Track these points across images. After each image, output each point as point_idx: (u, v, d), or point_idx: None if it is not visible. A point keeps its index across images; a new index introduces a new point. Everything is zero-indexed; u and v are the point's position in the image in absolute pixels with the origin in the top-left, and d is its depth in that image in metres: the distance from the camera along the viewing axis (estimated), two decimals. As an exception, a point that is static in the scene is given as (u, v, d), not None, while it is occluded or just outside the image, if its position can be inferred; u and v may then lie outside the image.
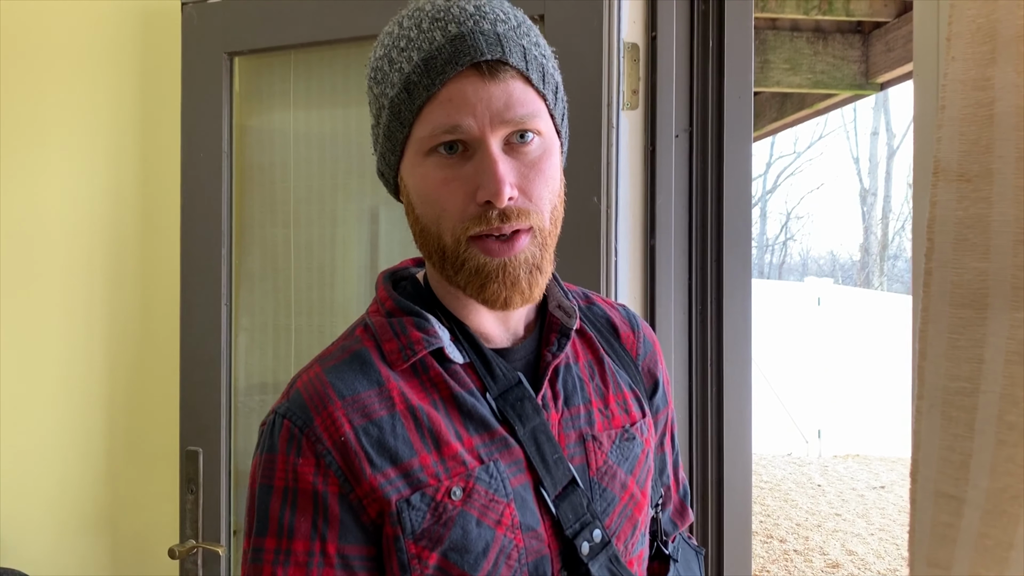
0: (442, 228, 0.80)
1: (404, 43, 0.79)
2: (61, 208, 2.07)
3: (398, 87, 0.79)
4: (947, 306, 0.52)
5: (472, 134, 0.77)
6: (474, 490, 0.79)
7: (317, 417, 0.79)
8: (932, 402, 0.53)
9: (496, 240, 0.78)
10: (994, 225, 0.50)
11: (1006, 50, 0.49)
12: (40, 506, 2.10)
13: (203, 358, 1.83)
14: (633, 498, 0.90)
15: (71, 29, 2.07)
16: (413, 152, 0.80)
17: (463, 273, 0.80)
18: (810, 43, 4.51)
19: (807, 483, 8.15)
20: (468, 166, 0.78)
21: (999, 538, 0.48)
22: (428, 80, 0.76)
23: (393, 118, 0.80)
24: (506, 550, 0.79)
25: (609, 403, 0.93)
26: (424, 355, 0.83)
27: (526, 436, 0.83)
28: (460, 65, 0.76)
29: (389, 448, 0.79)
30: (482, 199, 0.77)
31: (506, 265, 0.78)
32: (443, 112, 0.76)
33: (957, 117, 0.51)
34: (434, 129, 0.77)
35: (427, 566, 0.77)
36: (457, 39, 0.76)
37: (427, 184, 0.79)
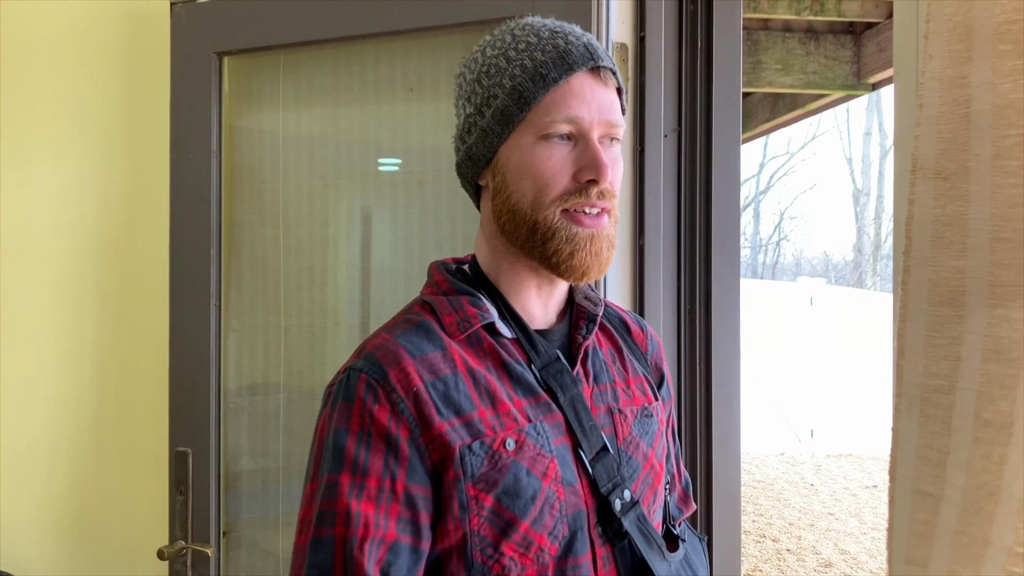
0: (539, 202, 0.92)
1: (523, 46, 0.93)
2: (49, 209, 2.07)
3: (524, 77, 0.91)
4: (925, 304, 0.52)
5: (583, 125, 0.91)
6: (525, 443, 0.90)
7: (391, 371, 0.89)
8: (910, 400, 0.53)
9: (586, 215, 0.92)
10: (971, 223, 0.50)
11: (982, 48, 0.49)
12: (29, 507, 2.09)
13: (192, 359, 1.82)
14: (653, 468, 1.02)
15: (59, 29, 2.06)
16: (525, 134, 0.93)
17: (554, 242, 0.92)
18: (802, 44, 4.52)
19: (800, 482, 8.16)
20: (573, 151, 0.92)
21: (975, 535, 0.48)
22: (556, 73, 0.90)
23: (512, 102, 0.92)
24: (550, 500, 0.89)
25: (630, 384, 1.05)
26: (478, 328, 0.96)
27: (566, 403, 0.95)
28: (585, 65, 0.91)
29: (453, 401, 0.89)
30: (586, 178, 0.91)
31: (594, 237, 0.92)
32: (565, 103, 0.91)
33: (934, 115, 0.51)
34: (555, 115, 0.91)
35: (483, 507, 0.87)
36: (581, 46, 0.92)
37: (536, 161, 0.92)
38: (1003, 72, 0.48)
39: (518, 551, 0.87)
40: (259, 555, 1.88)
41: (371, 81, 1.79)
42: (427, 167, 1.75)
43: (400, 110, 1.78)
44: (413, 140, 1.77)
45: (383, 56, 1.76)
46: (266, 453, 1.87)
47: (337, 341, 1.83)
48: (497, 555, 0.87)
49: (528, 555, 0.88)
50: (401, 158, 1.80)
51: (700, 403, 1.62)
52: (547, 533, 0.89)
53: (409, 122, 1.78)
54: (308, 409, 1.86)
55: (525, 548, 0.88)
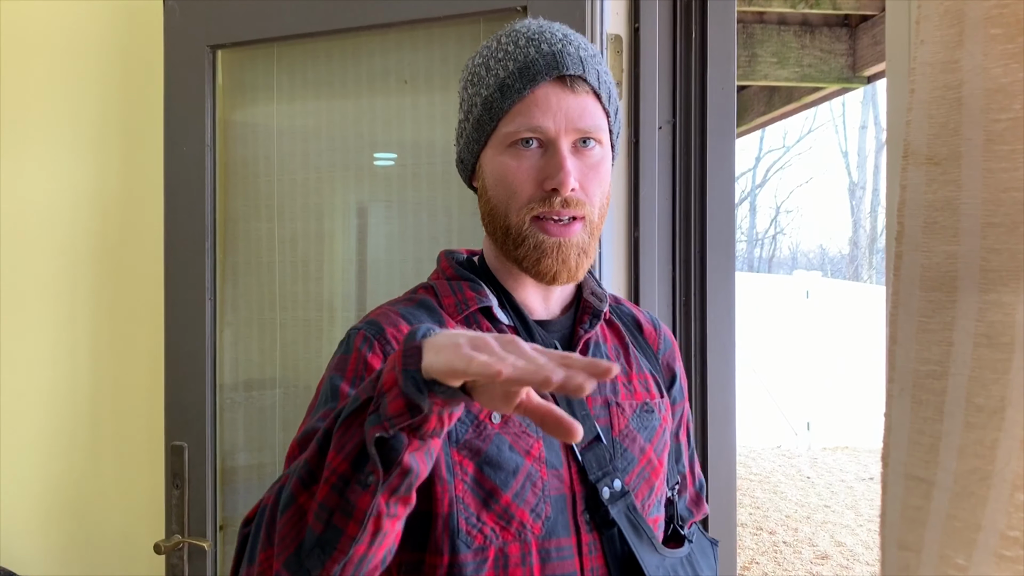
0: (510, 208, 0.96)
1: (502, 54, 0.96)
2: (44, 203, 2.06)
3: (493, 88, 0.95)
4: (917, 289, 0.52)
5: (548, 134, 0.94)
6: (511, 419, 0.92)
7: (389, 329, 0.95)
8: (902, 386, 0.53)
9: (555, 223, 0.94)
10: (963, 208, 0.50)
11: (973, 33, 0.49)
12: (25, 502, 2.08)
13: (188, 353, 1.82)
14: (651, 463, 1.03)
15: (53, 24, 2.05)
16: (496, 143, 0.97)
17: (523, 248, 0.96)
18: (797, 37, 4.51)
19: (796, 475, 8.18)
20: (540, 159, 0.94)
21: (967, 520, 0.48)
22: (520, 85, 0.93)
23: (484, 113, 0.96)
24: (532, 478, 0.92)
25: (632, 380, 1.07)
26: (475, 311, 0.99)
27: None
28: (548, 75, 0.93)
29: None
30: (549, 187, 0.93)
31: (561, 245, 0.95)
32: (528, 113, 0.93)
33: (926, 100, 0.51)
34: (519, 126, 0.94)
35: (467, 473, 0.90)
36: (548, 55, 0.94)
37: (504, 170, 0.96)
38: (994, 56, 0.48)
39: (500, 523, 0.90)
40: (256, 549, 1.88)
41: (365, 74, 1.78)
42: (422, 160, 1.75)
43: (394, 103, 1.77)
44: (408, 133, 1.77)
45: (377, 49, 1.76)
46: (262, 447, 1.87)
47: (333, 335, 1.82)
48: (480, 524, 0.89)
49: (510, 529, 0.90)
50: (396, 151, 1.80)
51: (696, 396, 1.63)
52: (529, 510, 0.91)
53: (403, 115, 1.77)
54: (304, 403, 1.86)
55: (507, 521, 0.90)
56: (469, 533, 0.89)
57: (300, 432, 0.90)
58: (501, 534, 0.90)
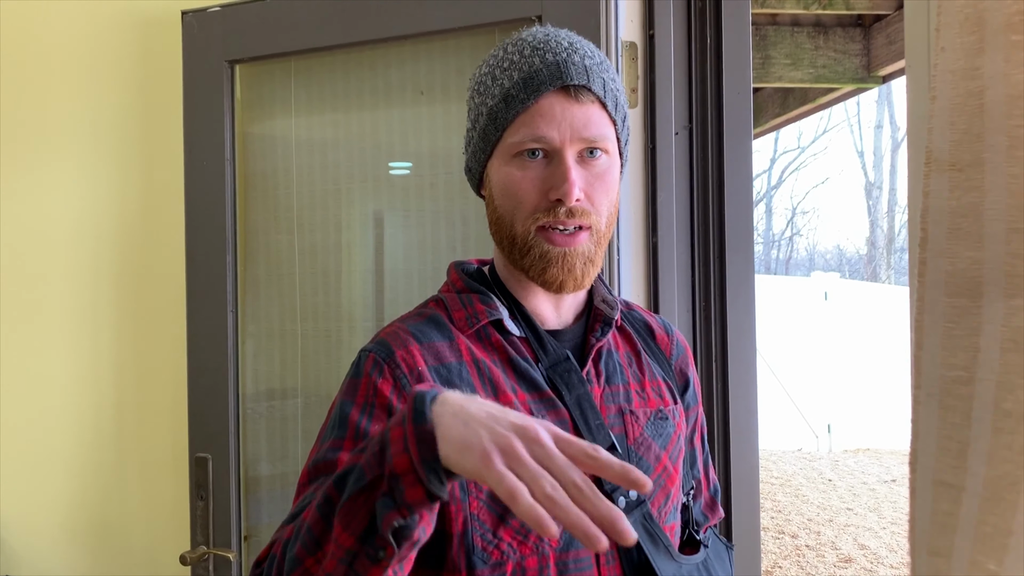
0: (516, 218, 0.96)
1: (507, 64, 0.96)
2: (66, 218, 2.09)
3: (498, 98, 0.95)
4: (942, 295, 0.52)
5: (553, 145, 0.93)
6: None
7: (398, 352, 0.94)
8: (929, 391, 0.53)
9: (560, 233, 0.94)
10: (987, 214, 0.50)
11: (994, 39, 0.49)
12: (52, 515, 2.11)
13: (210, 365, 1.84)
14: (666, 471, 1.03)
15: (72, 40, 2.08)
16: (501, 154, 0.97)
17: (529, 257, 0.96)
18: (811, 38, 4.50)
19: (818, 478, 8.13)
20: (546, 170, 0.94)
21: (998, 525, 0.48)
22: (524, 95, 0.93)
23: (490, 123, 0.97)
24: None
25: (645, 387, 1.06)
26: (486, 324, 0.99)
27: (572, 401, 0.97)
28: (552, 85, 0.92)
29: (455, 387, 0.89)
30: (554, 197, 0.93)
31: (566, 255, 0.95)
32: (533, 123, 0.93)
33: (947, 107, 0.51)
34: (523, 136, 0.93)
35: (481, 491, 0.90)
36: (552, 65, 0.93)
37: (510, 180, 0.96)
38: (1016, 62, 0.48)
39: (516, 538, 0.90)
40: (280, 559, 1.89)
41: (382, 85, 1.80)
42: (439, 170, 1.76)
43: (411, 114, 1.79)
44: (424, 143, 1.78)
45: (393, 60, 1.77)
46: (285, 457, 1.88)
47: (353, 345, 1.84)
48: (496, 540, 0.89)
49: (527, 544, 0.90)
50: (412, 161, 1.81)
51: (717, 400, 1.62)
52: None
53: (420, 126, 1.79)
54: (325, 413, 1.87)
55: (524, 536, 0.90)
56: (485, 549, 0.89)
57: (311, 459, 0.91)
58: (519, 548, 0.89)
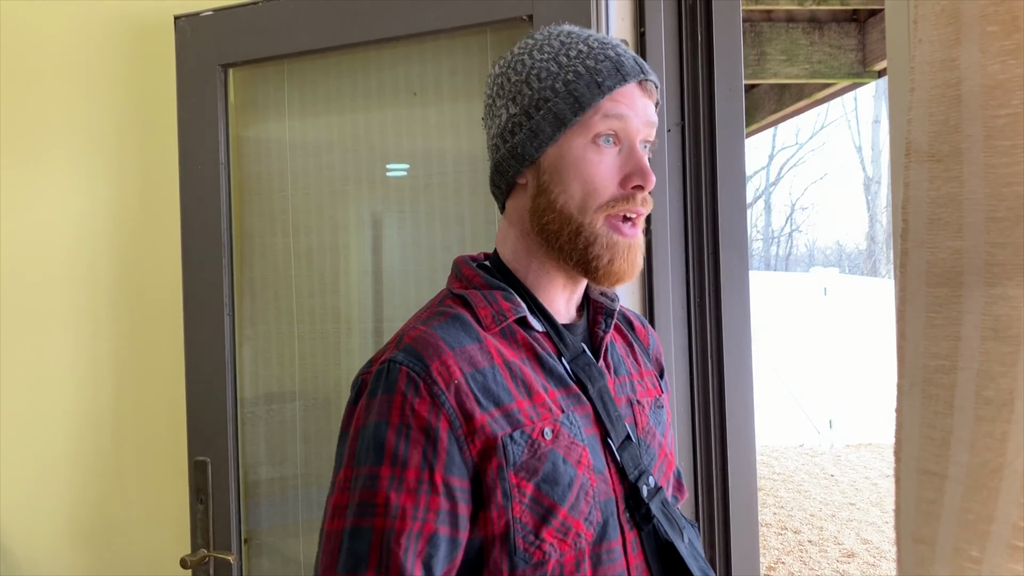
0: (587, 204, 0.95)
1: (574, 52, 0.97)
2: (61, 224, 2.09)
3: (581, 81, 0.95)
4: (923, 285, 0.53)
5: (630, 131, 0.95)
6: (560, 432, 0.93)
7: (432, 364, 0.91)
8: (912, 381, 0.53)
9: (626, 223, 0.96)
10: (966, 203, 0.51)
11: (970, 31, 0.49)
12: (52, 520, 2.11)
13: (208, 368, 1.84)
14: (667, 457, 1.07)
15: (65, 46, 2.09)
16: (575, 136, 0.96)
17: (595, 247, 0.95)
18: (806, 33, 4.50)
19: (820, 473, 8.13)
20: (618, 157, 0.95)
21: (980, 512, 0.49)
22: (612, 81, 0.94)
23: (568, 105, 0.95)
24: (584, 487, 0.92)
25: (643, 376, 1.10)
26: (512, 322, 0.98)
27: (595, 395, 0.98)
28: (638, 77, 0.96)
29: (492, 392, 0.92)
30: (632, 184, 0.94)
31: (631, 246, 0.96)
32: (617, 108, 0.94)
33: (926, 98, 0.52)
34: (607, 117, 0.94)
35: (524, 495, 0.90)
36: (631, 59, 0.97)
37: (585, 164, 0.95)
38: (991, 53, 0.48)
39: (557, 537, 0.90)
40: (280, 562, 1.90)
41: (375, 87, 1.80)
42: (433, 170, 1.76)
43: (404, 115, 1.79)
44: (418, 144, 1.79)
45: (386, 62, 1.78)
46: (284, 460, 1.89)
47: (351, 347, 1.84)
48: (538, 541, 0.90)
49: (567, 541, 0.91)
50: (408, 162, 1.81)
51: (713, 396, 1.63)
52: (583, 519, 0.92)
53: (414, 126, 1.79)
54: (324, 415, 1.88)
55: (563, 534, 0.91)
56: (527, 550, 0.90)
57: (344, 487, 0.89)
58: (559, 547, 0.91)
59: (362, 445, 0.90)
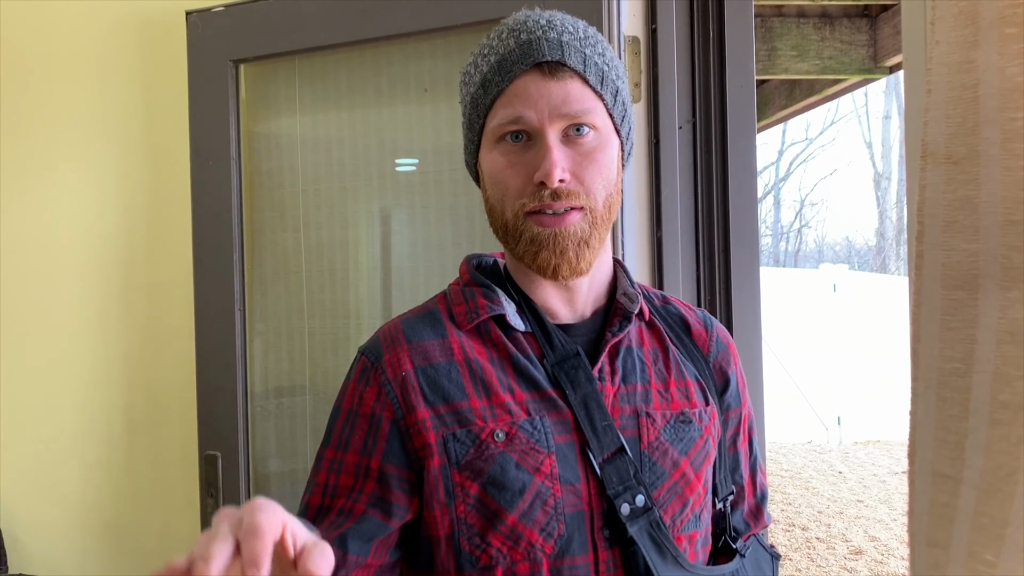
0: (505, 205, 0.93)
1: (487, 50, 0.94)
2: (73, 219, 2.10)
3: (477, 85, 0.94)
4: (939, 288, 0.52)
5: (532, 125, 0.90)
6: (516, 436, 0.90)
7: (386, 354, 0.94)
8: (927, 384, 0.53)
9: (549, 215, 0.90)
10: (983, 206, 0.50)
11: (988, 32, 0.49)
12: (63, 514, 2.12)
13: (219, 363, 1.85)
14: (685, 477, 0.96)
15: (76, 42, 2.09)
16: (487, 141, 0.94)
17: (521, 243, 0.92)
18: (817, 29, 4.48)
19: (828, 470, 8.12)
20: (529, 153, 0.91)
21: (995, 516, 0.48)
22: (499, 78, 0.91)
23: (473, 111, 0.95)
24: (542, 496, 0.88)
25: (670, 387, 1.00)
26: (487, 320, 0.96)
27: (577, 401, 0.93)
28: (525, 65, 0.89)
29: (442, 388, 0.92)
30: (537, 180, 0.89)
31: (556, 236, 0.90)
32: (509, 106, 0.90)
33: (943, 100, 0.51)
34: (501, 120, 0.91)
35: (468, 495, 0.88)
36: (525, 44, 0.90)
37: (495, 167, 0.93)
38: (1010, 55, 0.48)
39: (506, 544, 0.88)
40: (290, 555, 1.90)
41: (386, 83, 1.80)
42: (443, 166, 1.77)
43: (415, 111, 1.79)
44: (429, 140, 1.79)
45: (396, 58, 1.78)
46: (294, 454, 1.89)
47: (360, 342, 1.82)
48: (484, 545, 0.88)
49: (517, 549, 0.88)
50: (418, 158, 1.81)
51: (723, 393, 1.62)
52: (538, 529, 0.88)
53: (424, 122, 1.79)
54: (334, 410, 1.88)
55: (514, 542, 0.88)
56: (473, 553, 0.88)
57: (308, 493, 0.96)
58: (509, 554, 0.88)
59: (325, 433, 0.97)
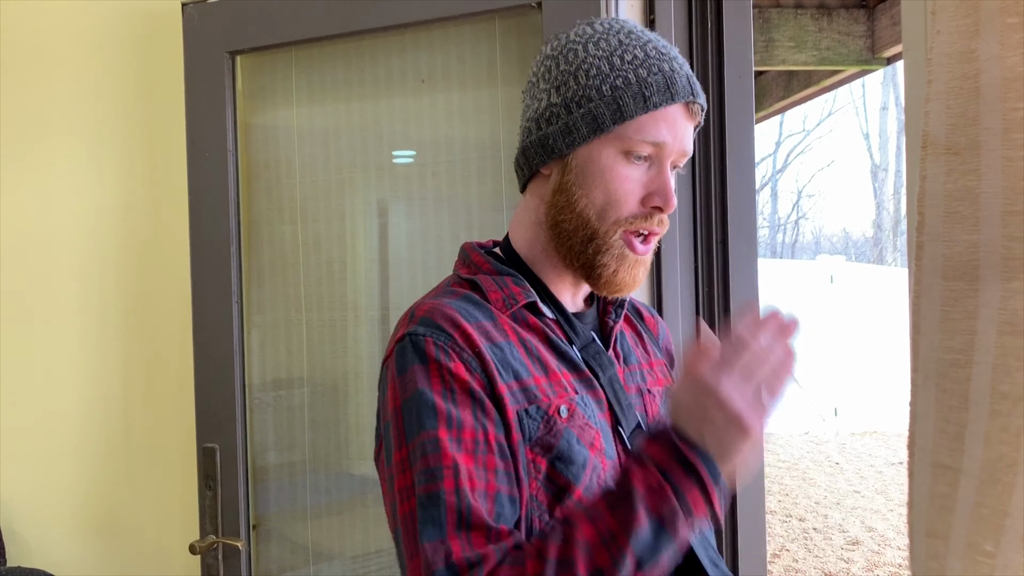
0: (606, 215, 0.94)
1: (630, 57, 0.94)
2: (70, 212, 2.09)
3: (629, 91, 0.93)
4: (939, 279, 0.52)
5: (664, 153, 0.94)
6: (575, 412, 0.93)
7: (455, 332, 0.90)
8: (927, 375, 0.53)
9: (639, 241, 0.95)
10: (983, 197, 0.50)
11: (989, 22, 0.49)
12: (62, 506, 2.12)
13: (216, 355, 1.84)
14: None
15: (72, 34, 2.08)
16: (611, 144, 0.94)
17: (605, 256, 0.95)
18: (815, 20, 4.47)
19: (825, 461, 8.14)
20: (646, 175, 0.94)
21: (994, 506, 0.49)
22: (659, 98, 0.93)
23: (608, 110, 0.93)
24: (597, 470, 0.92)
25: (653, 366, 1.10)
26: (522, 306, 0.98)
27: (606, 382, 0.98)
28: (686, 98, 0.94)
29: (511, 365, 0.92)
30: (653, 203, 0.94)
31: (638, 262, 0.96)
32: (657, 127, 0.93)
33: (943, 90, 0.51)
34: (647, 137, 0.93)
35: (540, 471, 0.89)
36: (685, 78, 0.95)
37: (613, 175, 0.94)
38: (1011, 45, 0.48)
39: None
40: (288, 547, 1.91)
41: (383, 74, 1.79)
42: (441, 158, 1.76)
43: (412, 102, 1.78)
44: (426, 131, 1.78)
45: (394, 49, 1.77)
46: (292, 446, 1.90)
47: (358, 334, 1.84)
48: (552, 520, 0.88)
49: None
50: (415, 150, 1.81)
51: (721, 384, 1.62)
52: None
53: (422, 114, 1.79)
54: (332, 402, 1.88)
55: None
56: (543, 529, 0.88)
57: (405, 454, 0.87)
58: None
59: (410, 419, 0.87)
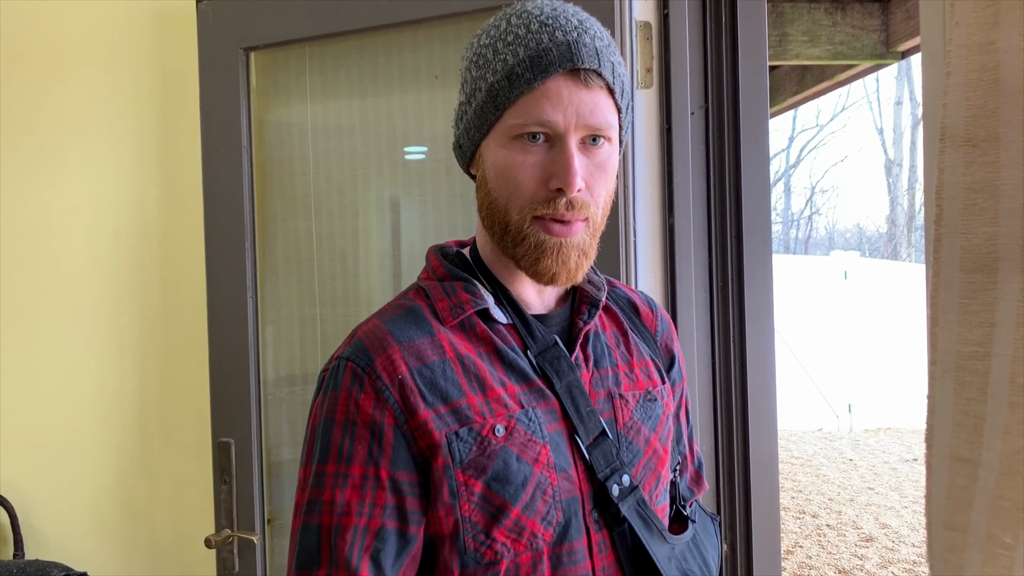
0: (511, 204, 0.90)
1: (511, 38, 0.89)
2: (86, 208, 2.11)
3: (500, 75, 0.89)
4: (957, 271, 0.52)
5: (558, 130, 0.87)
6: (515, 429, 0.90)
7: (377, 358, 0.90)
8: (945, 367, 0.53)
9: (557, 223, 0.89)
10: (1002, 189, 0.50)
11: (1009, 14, 0.48)
12: (78, 500, 2.14)
13: (231, 351, 1.85)
14: (656, 453, 1.00)
15: (87, 32, 2.10)
16: (500, 134, 0.91)
17: (522, 247, 0.91)
18: (828, 14, 4.44)
19: (838, 458, 8.11)
20: (547, 155, 0.89)
21: (1014, 499, 0.48)
22: (531, 75, 0.87)
23: (489, 100, 0.90)
24: (542, 486, 0.89)
25: (633, 368, 1.04)
26: (471, 314, 0.95)
27: (562, 389, 0.94)
28: (562, 68, 0.86)
29: (440, 388, 0.89)
30: (555, 186, 0.88)
31: (562, 246, 0.90)
32: (538, 106, 0.87)
33: (962, 82, 0.51)
34: (527, 119, 0.87)
35: (473, 493, 0.87)
36: (563, 45, 0.87)
37: (508, 164, 0.90)
38: (1031, 36, 0.48)
39: (510, 536, 0.88)
40: (303, 541, 1.92)
41: (396, 70, 1.80)
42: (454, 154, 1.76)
43: (426, 98, 1.79)
44: (440, 127, 1.78)
45: (407, 45, 1.77)
46: (306, 441, 1.90)
47: (372, 329, 1.85)
48: (489, 541, 0.87)
49: (521, 541, 0.88)
50: (428, 146, 1.81)
51: (735, 381, 1.62)
52: (539, 519, 0.89)
53: (435, 110, 1.79)
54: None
55: (517, 534, 0.88)
56: (478, 550, 0.88)
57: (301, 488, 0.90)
58: (512, 547, 0.88)
59: (314, 445, 0.90)
